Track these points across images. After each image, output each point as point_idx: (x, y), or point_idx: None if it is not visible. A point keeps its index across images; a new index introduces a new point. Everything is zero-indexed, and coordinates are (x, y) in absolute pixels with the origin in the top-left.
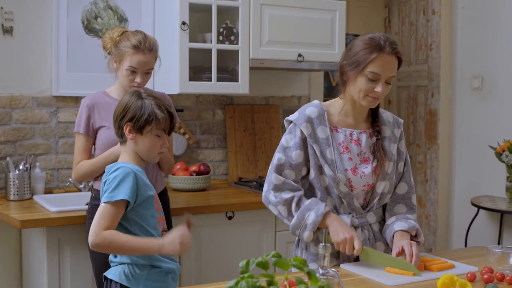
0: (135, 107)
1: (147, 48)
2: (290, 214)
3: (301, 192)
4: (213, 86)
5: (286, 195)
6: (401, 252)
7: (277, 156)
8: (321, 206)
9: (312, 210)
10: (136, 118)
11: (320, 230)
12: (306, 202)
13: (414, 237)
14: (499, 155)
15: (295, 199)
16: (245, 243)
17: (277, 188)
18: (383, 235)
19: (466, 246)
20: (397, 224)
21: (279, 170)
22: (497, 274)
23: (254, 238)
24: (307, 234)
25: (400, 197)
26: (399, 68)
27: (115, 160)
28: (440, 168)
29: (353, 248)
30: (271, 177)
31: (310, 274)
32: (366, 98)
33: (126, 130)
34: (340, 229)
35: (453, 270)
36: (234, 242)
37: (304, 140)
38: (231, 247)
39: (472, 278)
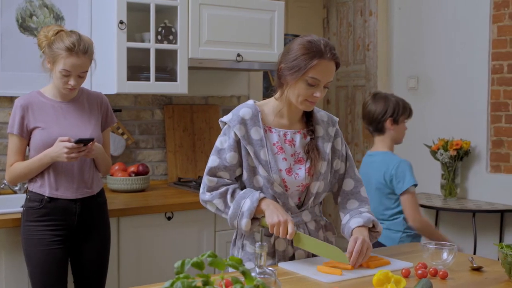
0: (393, 103)
1: (81, 51)
2: (226, 206)
3: (235, 185)
4: (152, 86)
5: (221, 189)
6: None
7: (211, 159)
8: (256, 193)
9: (247, 198)
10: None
11: (258, 219)
12: (241, 192)
13: (372, 228)
14: (434, 153)
15: (230, 191)
16: (185, 244)
17: (211, 189)
18: (317, 233)
19: None
20: (353, 221)
21: (213, 172)
22: (431, 269)
23: (194, 239)
24: (244, 222)
25: (349, 193)
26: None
27: (51, 162)
28: None
29: (287, 232)
30: (205, 180)
31: (245, 273)
32: (304, 103)
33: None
34: (275, 212)
35: (388, 266)
36: (174, 243)
37: (238, 142)
38: (170, 248)
39: (406, 274)
